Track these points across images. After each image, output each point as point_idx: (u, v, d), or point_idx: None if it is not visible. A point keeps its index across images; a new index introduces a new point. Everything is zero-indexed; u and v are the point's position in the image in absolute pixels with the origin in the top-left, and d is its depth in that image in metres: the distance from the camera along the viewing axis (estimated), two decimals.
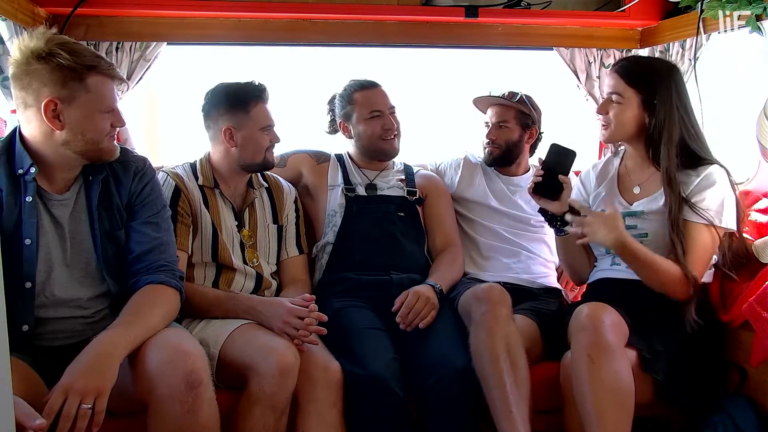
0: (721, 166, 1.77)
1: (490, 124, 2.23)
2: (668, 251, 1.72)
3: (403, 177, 2.19)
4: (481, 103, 2.27)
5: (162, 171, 1.89)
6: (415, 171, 2.24)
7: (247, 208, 1.97)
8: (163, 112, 2.83)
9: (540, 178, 1.80)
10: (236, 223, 1.93)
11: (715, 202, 1.72)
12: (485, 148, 2.25)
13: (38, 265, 1.48)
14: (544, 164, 1.80)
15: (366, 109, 2.11)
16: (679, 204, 1.71)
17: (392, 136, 2.12)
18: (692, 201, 1.71)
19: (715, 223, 1.71)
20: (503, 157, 2.24)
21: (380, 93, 2.15)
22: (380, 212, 2.09)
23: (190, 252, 1.84)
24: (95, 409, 1.25)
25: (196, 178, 1.93)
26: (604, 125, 1.86)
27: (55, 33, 1.46)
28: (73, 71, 1.41)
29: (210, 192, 1.92)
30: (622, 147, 1.98)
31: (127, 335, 1.38)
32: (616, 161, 1.95)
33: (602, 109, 1.86)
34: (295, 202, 2.08)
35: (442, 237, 2.14)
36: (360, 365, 1.68)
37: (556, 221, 1.83)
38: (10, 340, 1.32)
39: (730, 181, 1.78)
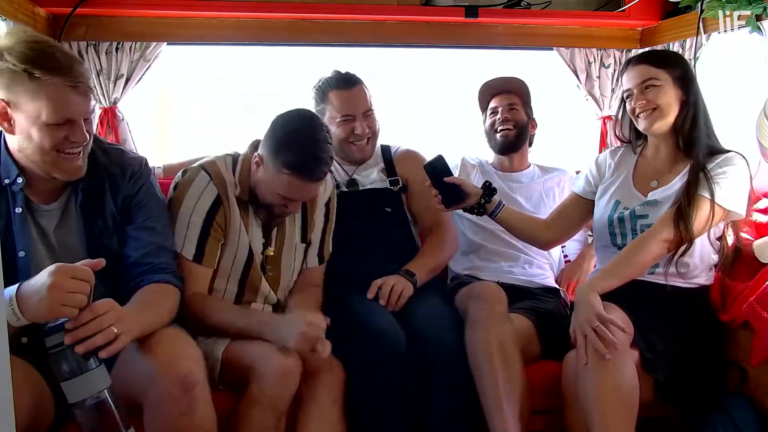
0: (741, 155, 1.76)
1: (500, 109, 2.20)
2: (667, 217, 1.70)
3: (383, 165, 2.11)
4: (488, 91, 2.24)
5: (203, 169, 1.69)
6: (393, 150, 2.14)
7: (277, 225, 1.79)
8: (164, 111, 2.83)
9: (441, 197, 1.88)
10: (263, 241, 1.77)
11: (727, 182, 1.70)
12: (497, 133, 2.20)
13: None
14: (433, 184, 1.88)
15: (338, 112, 1.98)
16: (697, 174, 1.71)
17: (363, 141, 2.02)
18: (708, 174, 1.70)
19: (717, 201, 1.68)
20: (517, 139, 2.21)
21: (355, 94, 1.99)
22: (367, 210, 2.03)
23: (215, 268, 1.71)
24: (118, 339, 1.25)
25: (234, 186, 1.72)
26: (649, 111, 1.77)
27: (36, 33, 1.39)
28: (20, 75, 1.31)
29: (243, 204, 1.73)
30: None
31: (137, 319, 1.34)
32: (635, 156, 1.92)
33: (640, 98, 1.77)
34: (327, 204, 1.88)
35: (428, 217, 2.06)
36: (363, 327, 1.69)
37: (482, 209, 1.91)
38: (10, 352, 1.33)
39: (749, 170, 1.76)
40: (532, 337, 1.86)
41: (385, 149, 2.14)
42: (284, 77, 2.71)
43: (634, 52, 2.56)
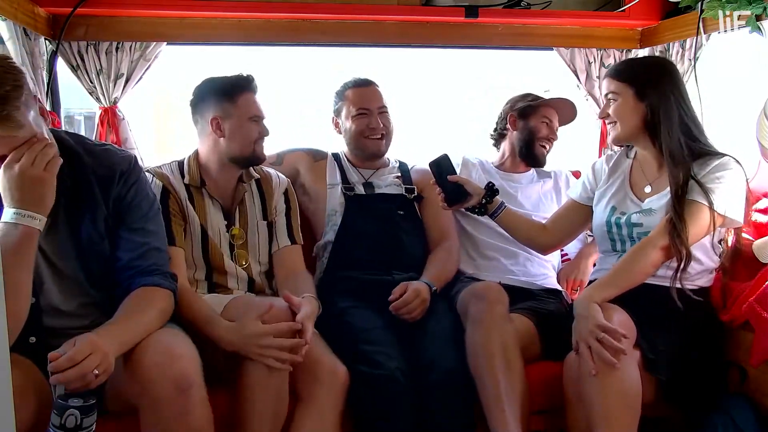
0: (735, 159, 1.75)
1: (550, 122, 2.25)
2: (663, 226, 1.70)
3: (399, 174, 2.18)
4: (552, 103, 2.27)
5: (147, 171, 1.82)
6: (410, 167, 2.23)
7: (238, 205, 1.90)
8: (164, 111, 2.83)
9: (444, 194, 1.92)
10: (225, 223, 1.88)
11: (723, 188, 1.69)
12: (540, 146, 2.25)
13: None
14: (437, 182, 1.93)
15: (354, 107, 2.11)
16: (685, 182, 1.70)
17: (378, 136, 2.11)
18: (701, 181, 1.70)
19: (715, 208, 1.68)
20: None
21: (371, 92, 2.14)
22: (380, 211, 2.08)
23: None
24: (98, 378, 1.27)
25: (183, 177, 1.87)
26: (610, 125, 1.86)
27: None
28: None
29: (196, 191, 1.87)
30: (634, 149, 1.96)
31: (121, 335, 1.35)
32: (628, 160, 1.94)
33: (603, 113, 1.88)
34: (286, 193, 1.99)
35: (437, 230, 2.13)
36: (370, 364, 1.68)
37: (483, 210, 1.95)
38: (17, 351, 1.32)
39: (744, 174, 1.76)
40: (533, 337, 1.86)
41: (402, 164, 2.23)
42: (284, 77, 2.71)
43: (633, 53, 2.56)
